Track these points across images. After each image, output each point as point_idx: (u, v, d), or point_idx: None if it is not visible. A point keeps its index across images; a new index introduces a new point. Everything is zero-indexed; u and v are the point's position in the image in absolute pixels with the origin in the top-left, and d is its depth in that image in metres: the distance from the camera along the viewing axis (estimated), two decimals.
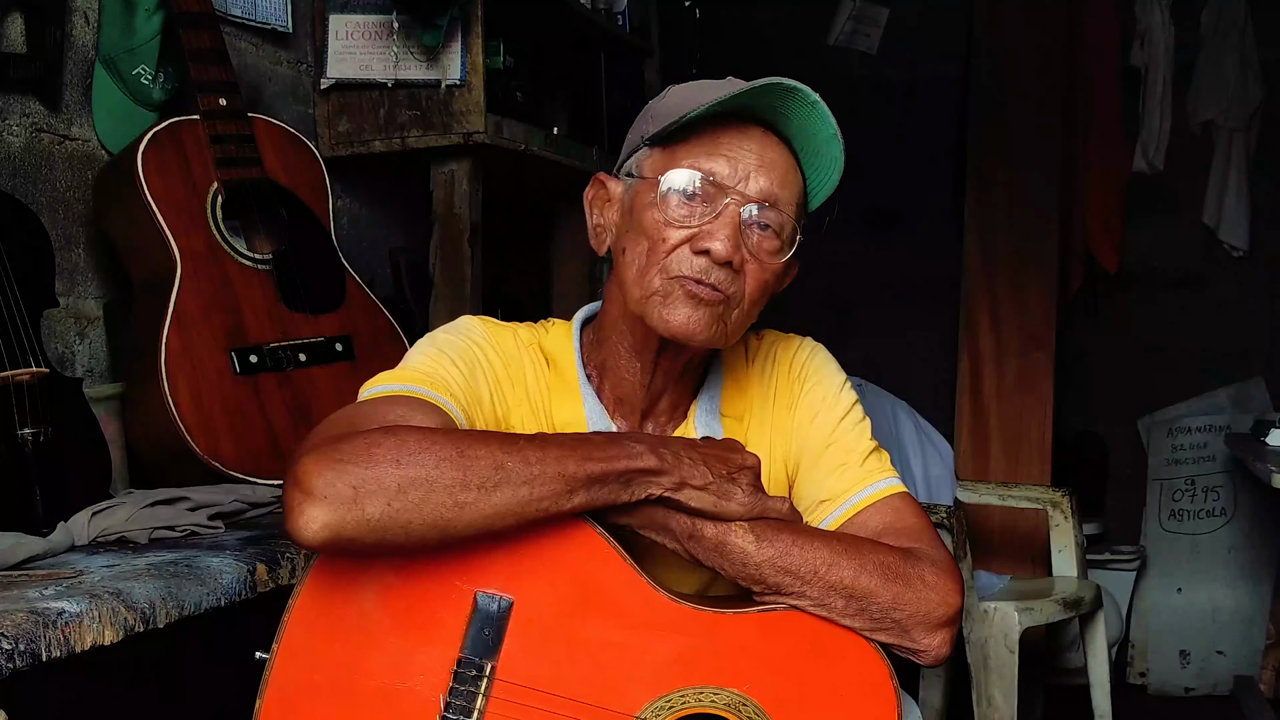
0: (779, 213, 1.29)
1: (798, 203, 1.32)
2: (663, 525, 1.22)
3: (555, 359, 1.39)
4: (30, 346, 1.65)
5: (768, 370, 1.43)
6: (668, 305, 1.28)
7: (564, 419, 1.36)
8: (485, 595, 1.18)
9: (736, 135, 1.29)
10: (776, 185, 1.29)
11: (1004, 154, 3.80)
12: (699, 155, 1.28)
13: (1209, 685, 4.00)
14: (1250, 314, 4.10)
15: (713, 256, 1.26)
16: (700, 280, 1.26)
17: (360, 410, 1.22)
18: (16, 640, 1.12)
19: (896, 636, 1.23)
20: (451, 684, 1.17)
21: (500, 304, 2.77)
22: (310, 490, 1.08)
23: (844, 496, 1.34)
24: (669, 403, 1.39)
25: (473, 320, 1.39)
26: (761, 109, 1.28)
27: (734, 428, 1.39)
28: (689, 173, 1.28)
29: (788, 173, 1.30)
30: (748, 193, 1.27)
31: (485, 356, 1.35)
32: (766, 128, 1.30)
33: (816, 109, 1.27)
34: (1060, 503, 3.32)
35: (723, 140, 1.29)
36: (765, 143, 1.29)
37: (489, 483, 1.12)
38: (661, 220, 1.28)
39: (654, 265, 1.29)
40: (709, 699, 1.19)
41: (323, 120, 2.61)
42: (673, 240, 1.28)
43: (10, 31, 1.92)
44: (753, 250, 1.29)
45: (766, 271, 1.30)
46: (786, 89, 1.25)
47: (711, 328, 1.28)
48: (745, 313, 1.32)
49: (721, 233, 1.26)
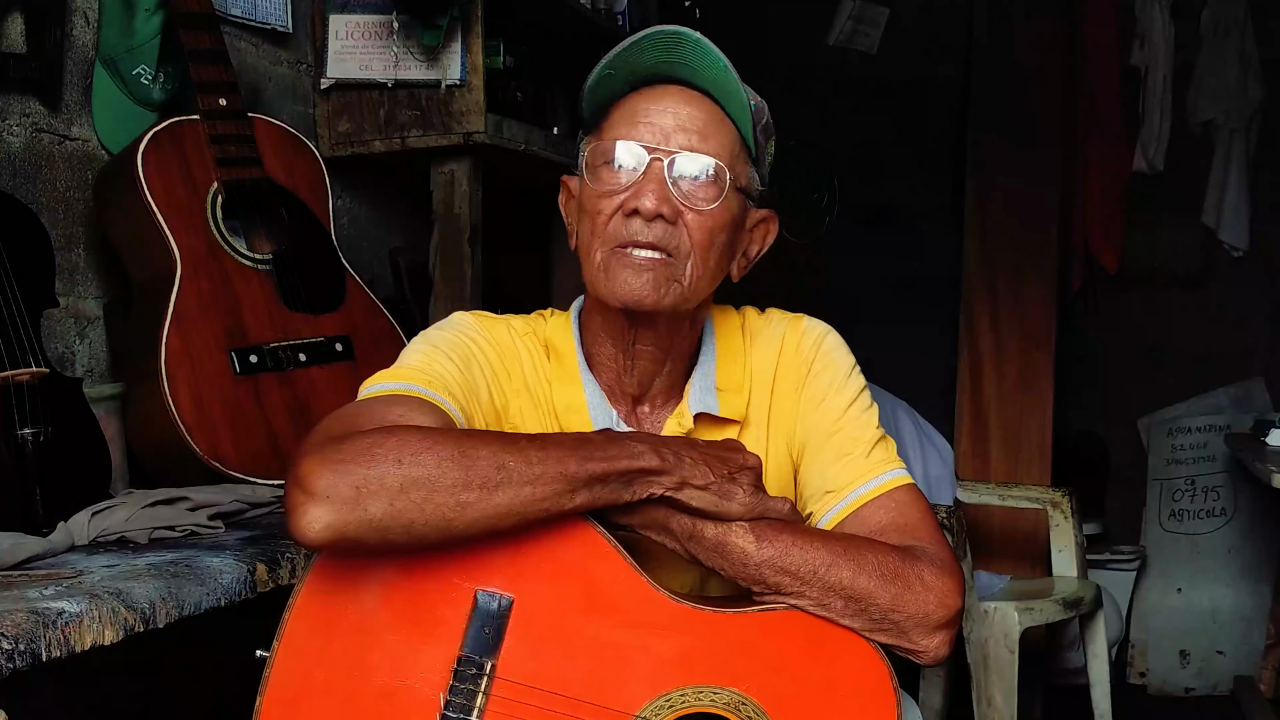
0: (706, 158, 1.29)
1: (731, 149, 1.32)
2: (663, 526, 1.22)
3: (556, 347, 1.40)
4: (30, 346, 1.65)
5: (771, 348, 1.42)
6: (610, 277, 1.30)
7: (566, 406, 1.36)
8: (486, 594, 1.18)
9: (654, 98, 1.31)
10: (699, 133, 1.30)
11: (1004, 154, 3.80)
12: (621, 126, 1.31)
13: (1209, 685, 4.00)
14: (1250, 314, 4.10)
15: (642, 213, 1.27)
16: (636, 243, 1.28)
17: (360, 410, 1.22)
18: (16, 640, 1.12)
19: (895, 637, 1.23)
20: (452, 682, 1.17)
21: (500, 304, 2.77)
22: (312, 491, 1.09)
23: (849, 489, 1.34)
24: (663, 386, 1.39)
25: (465, 315, 1.40)
26: (673, 68, 1.30)
27: (731, 400, 1.38)
28: (613, 143, 1.30)
29: (710, 121, 1.31)
30: (669, 145, 1.29)
31: (480, 350, 1.36)
32: (683, 84, 1.31)
33: (701, 47, 1.28)
34: (1060, 503, 3.32)
35: (640, 106, 1.31)
36: (682, 97, 1.31)
37: (491, 482, 1.12)
38: (596, 193, 1.31)
39: (596, 240, 1.31)
40: (709, 698, 1.20)
41: (323, 120, 2.61)
42: (607, 210, 1.30)
43: (10, 31, 1.92)
44: (687, 200, 1.29)
45: (709, 219, 1.30)
46: (667, 35, 1.27)
47: (660, 289, 1.29)
48: (701, 266, 1.31)
49: (647, 188, 1.28)
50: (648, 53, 1.29)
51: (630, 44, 1.28)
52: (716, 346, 1.42)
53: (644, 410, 1.40)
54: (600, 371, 1.39)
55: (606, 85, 1.33)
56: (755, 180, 1.37)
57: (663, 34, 1.27)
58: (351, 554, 1.16)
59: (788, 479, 1.40)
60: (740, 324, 1.45)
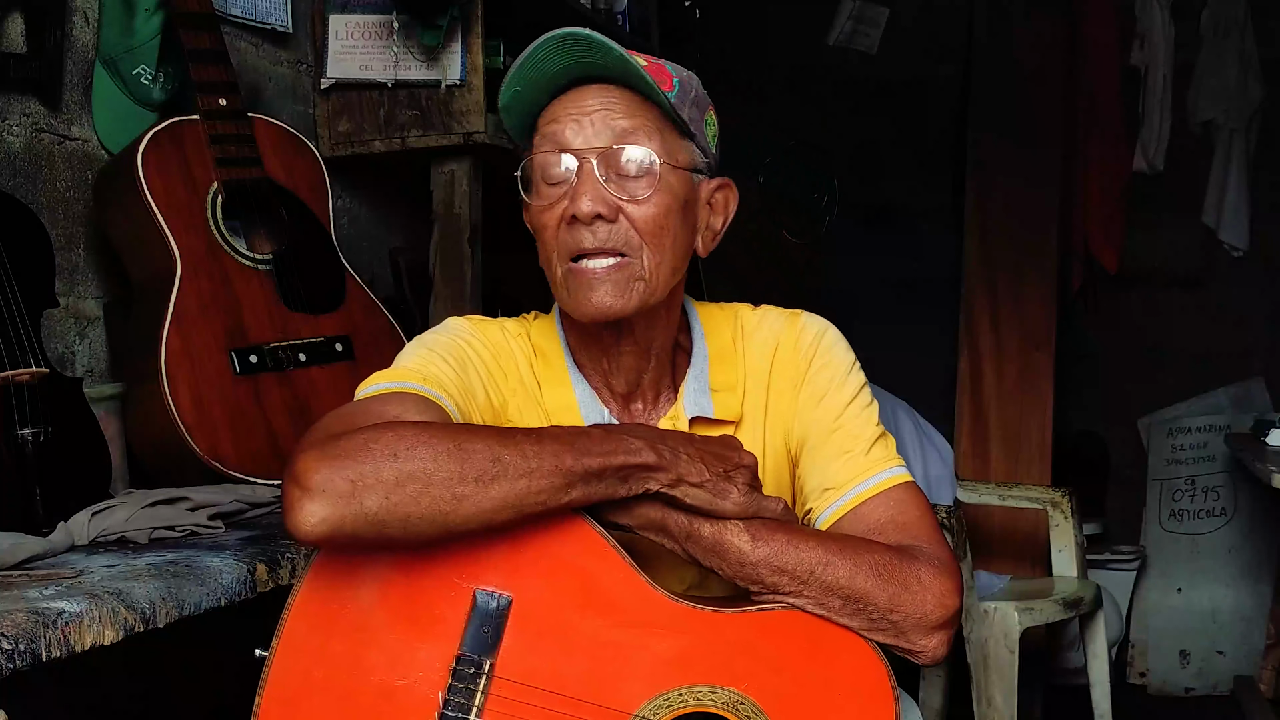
0: (634, 147, 1.29)
1: (658, 130, 1.30)
2: (661, 526, 1.22)
3: (542, 349, 1.40)
4: (30, 346, 1.65)
5: (767, 345, 1.41)
6: (572, 294, 1.30)
7: (556, 406, 1.37)
8: (484, 593, 1.18)
9: (572, 99, 1.31)
10: (623, 123, 1.29)
11: (1004, 154, 3.80)
12: (546, 137, 1.31)
13: (1209, 685, 4.00)
14: (1250, 314, 4.10)
15: (579, 217, 1.27)
16: (584, 251, 1.28)
17: (356, 409, 1.23)
18: (16, 640, 1.12)
19: (893, 637, 1.22)
20: (450, 681, 1.17)
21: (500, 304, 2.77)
22: (308, 486, 1.09)
23: (848, 486, 1.33)
24: (652, 380, 1.39)
25: (458, 319, 1.41)
26: (583, 68, 1.29)
27: (726, 401, 1.38)
28: (542, 156, 1.31)
29: (632, 107, 1.29)
30: (595, 143, 1.28)
31: (475, 352, 1.36)
32: (598, 80, 1.30)
33: (592, 41, 1.26)
34: (1060, 503, 3.32)
35: (559, 113, 1.31)
36: (599, 93, 1.30)
37: (486, 476, 1.12)
38: (538, 209, 1.32)
39: (551, 254, 1.31)
40: (707, 697, 1.20)
41: (323, 120, 2.61)
42: (551, 223, 1.30)
43: (10, 31, 1.92)
44: (624, 192, 1.28)
45: (650, 206, 1.29)
46: (560, 39, 1.26)
47: (624, 294, 1.29)
48: (659, 254, 1.30)
49: (580, 192, 1.27)
50: (551, 60, 1.28)
51: (529, 53, 1.27)
52: (709, 347, 1.42)
53: (637, 408, 1.40)
54: (588, 372, 1.39)
55: (522, 101, 1.32)
56: (697, 153, 1.35)
57: (557, 38, 1.26)
58: (348, 549, 1.16)
59: (785, 476, 1.40)
60: (734, 322, 1.44)
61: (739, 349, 1.42)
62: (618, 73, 1.29)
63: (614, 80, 1.30)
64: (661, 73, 1.31)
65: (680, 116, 1.32)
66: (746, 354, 1.41)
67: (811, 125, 4.35)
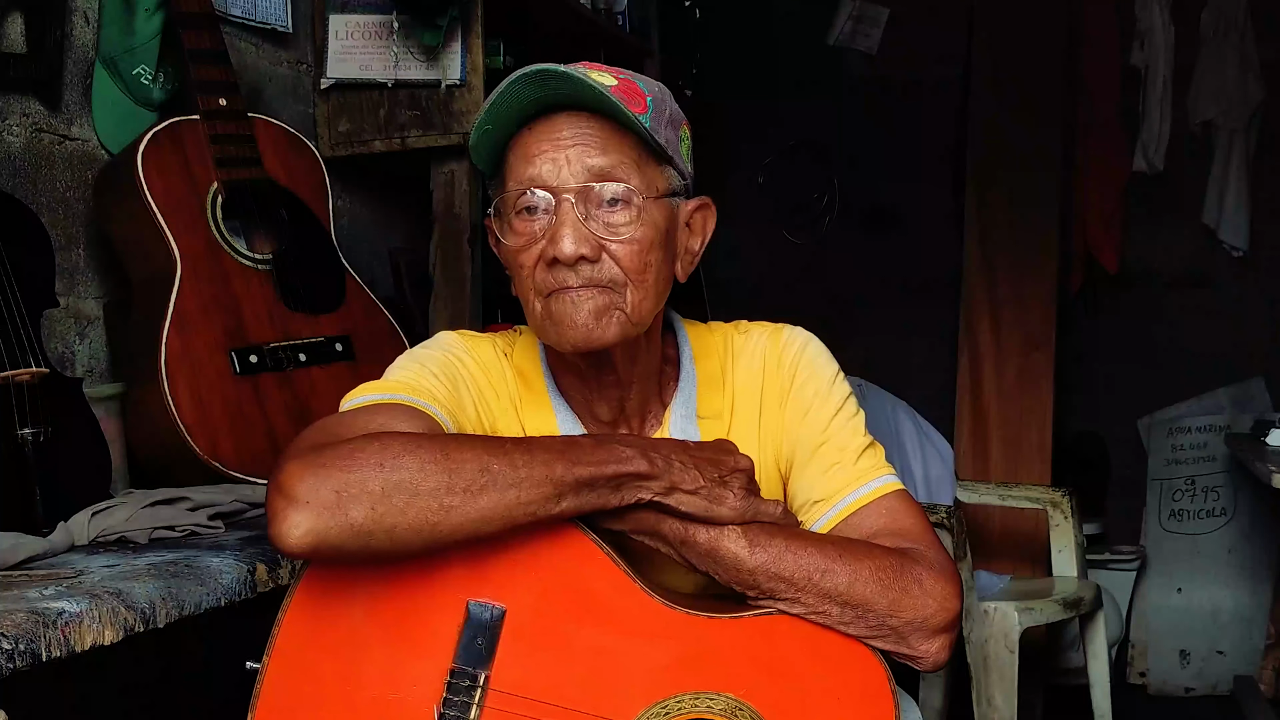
0: (613, 183, 1.25)
1: (635, 159, 1.26)
2: (654, 530, 1.21)
3: (523, 371, 1.38)
4: (30, 346, 1.65)
5: (755, 365, 1.39)
6: (555, 326, 1.26)
7: (537, 430, 1.34)
8: (477, 604, 1.17)
9: (545, 131, 1.25)
10: (599, 157, 1.24)
11: (1004, 154, 3.81)
12: (520, 170, 1.26)
13: (1209, 685, 4.00)
14: (1250, 314, 4.10)
15: (561, 259, 1.23)
16: (567, 287, 1.24)
17: (343, 419, 1.21)
18: (16, 640, 1.12)
19: (894, 643, 1.21)
20: (445, 694, 1.16)
21: (500, 304, 2.77)
22: (293, 495, 1.08)
23: (838, 497, 1.31)
24: (636, 407, 1.37)
25: (450, 335, 1.39)
26: (555, 97, 1.24)
27: (713, 428, 1.36)
28: (516, 191, 1.26)
29: (608, 139, 1.25)
30: (573, 182, 1.24)
31: (466, 369, 1.34)
32: (570, 109, 1.25)
33: (569, 77, 1.22)
34: (1060, 503, 3.32)
35: (533, 143, 1.26)
36: (573, 123, 1.25)
37: (474, 486, 1.11)
38: (514, 247, 1.28)
39: (529, 292, 1.28)
40: (705, 704, 1.19)
41: (323, 120, 2.61)
42: (529, 262, 1.26)
43: (10, 31, 1.92)
44: (606, 231, 1.25)
45: (633, 244, 1.26)
46: (534, 75, 1.21)
47: (607, 325, 1.25)
48: (642, 289, 1.27)
49: (561, 233, 1.23)
50: (523, 93, 1.23)
51: (500, 91, 1.23)
52: (697, 371, 1.39)
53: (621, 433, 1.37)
54: (570, 397, 1.37)
55: (490, 138, 1.28)
56: (675, 176, 1.32)
57: (529, 74, 1.21)
58: (334, 561, 1.15)
59: (777, 495, 1.37)
60: (723, 345, 1.41)
61: (728, 374, 1.39)
62: (591, 104, 1.25)
63: (586, 108, 1.26)
64: (634, 93, 1.26)
65: (658, 143, 1.27)
66: (736, 377, 1.39)
67: (812, 125, 4.35)
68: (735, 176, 4.32)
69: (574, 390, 1.36)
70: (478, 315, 2.62)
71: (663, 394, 1.39)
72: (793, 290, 4.30)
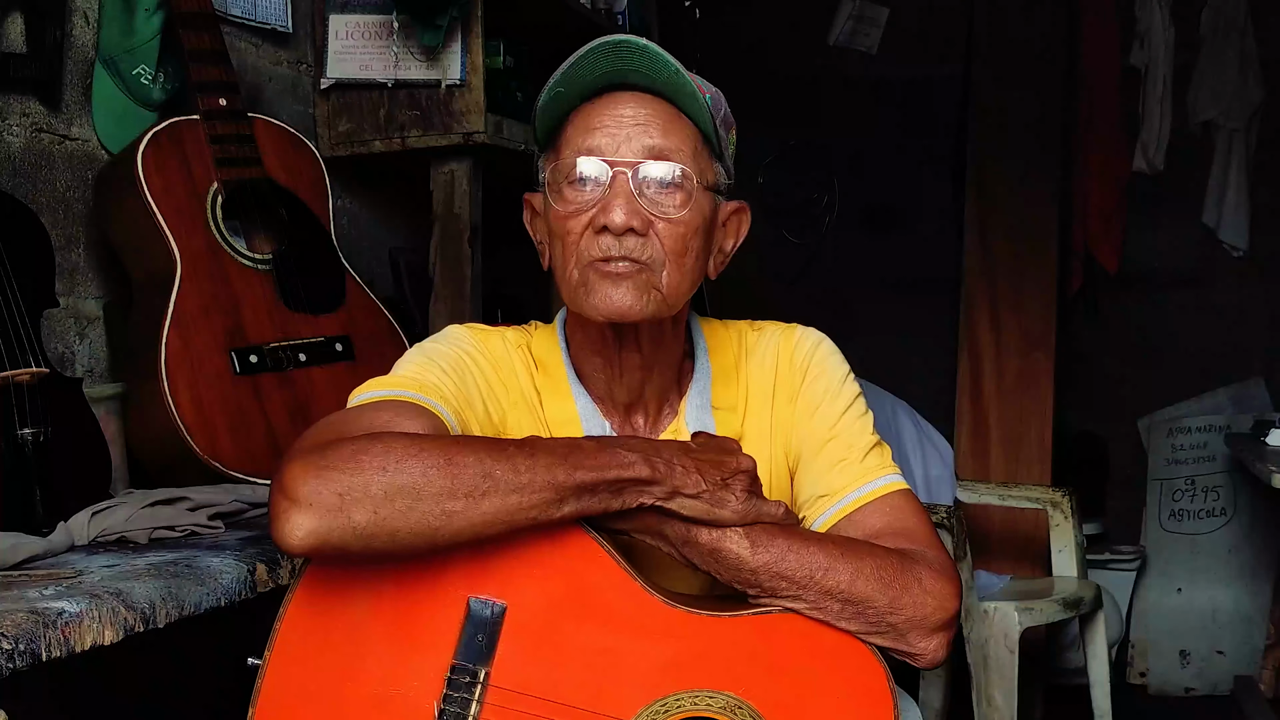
0: (670, 164, 1.27)
1: (693, 147, 1.29)
2: (657, 531, 1.22)
3: (543, 361, 1.39)
4: (30, 346, 1.65)
5: (767, 362, 1.41)
6: (590, 292, 1.28)
7: (557, 419, 1.36)
8: (478, 601, 1.18)
9: (607, 106, 1.28)
10: (659, 138, 1.27)
11: (1004, 154, 3.80)
12: (577, 140, 1.29)
13: (1209, 685, 4.00)
14: (1250, 314, 4.10)
15: (611, 229, 1.25)
16: (610, 258, 1.26)
17: (348, 416, 1.21)
18: (16, 640, 1.12)
19: (893, 640, 1.22)
20: (445, 690, 1.16)
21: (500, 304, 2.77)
22: (296, 497, 1.08)
23: (842, 493, 1.33)
24: (654, 394, 1.38)
25: (459, 329, 1.40)
26: (624, 75, 1.27)
27: (728, 419, 1.38)
28: (572, 159, 1.28)
29: (669, 122, 1.28)
30: (630, 157, 1.27)
31: (475, 363, 1.35)
32: (635, 89, 1.29)
33: (649, 51, 1.25)
34: (1060, 503, 3.32)
35: (594, 117, 1.28)
36: (636, 103, 1.28)
37: (477, 491, 1.11)
38: (563, 214, 1.29)
39: (570, 259, 1.29)
40: (705, 702, 1.19)
41: (323, 120, 2.61)
42: (576, 229, 1.28)
43: (10, 31, 1.92)
44: (656, 209, 1.27)
45: (680, 225, 1.28)
46: (613, 45, 1.24)
47: (642, 299, 1.27)
48: (679, 271, 1.29)
49: (614, 203, 1.25)
50: (596, 64, 1.26)
51: (578, 57, 1.26)
52: (712, 364, 1.41)
53: (638, 422, 1.39)
54: (590, 383, 1.38)
55: (558, 102, 1.30)
56: (722, 174, 1.35)
57: (609, 44, 1.24)
58: (335, 562, 1.15)
59: (785, 490, 1.39)
60: (737, 341, 1.43)
61: (742, 369, 1.41)
62: (661, 83, 1.27)
63: (653, 90, 1.28)
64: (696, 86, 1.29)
65: (718, 134, 1.31)
66: (749, 373, 1.41)
67: (811, 125, 4.35)
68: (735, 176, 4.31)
69: (596, 373, 1.37)
70: (478, 315, 2.62)
71: (680, 383, 1.40)
72: (793, 290, 4.31)
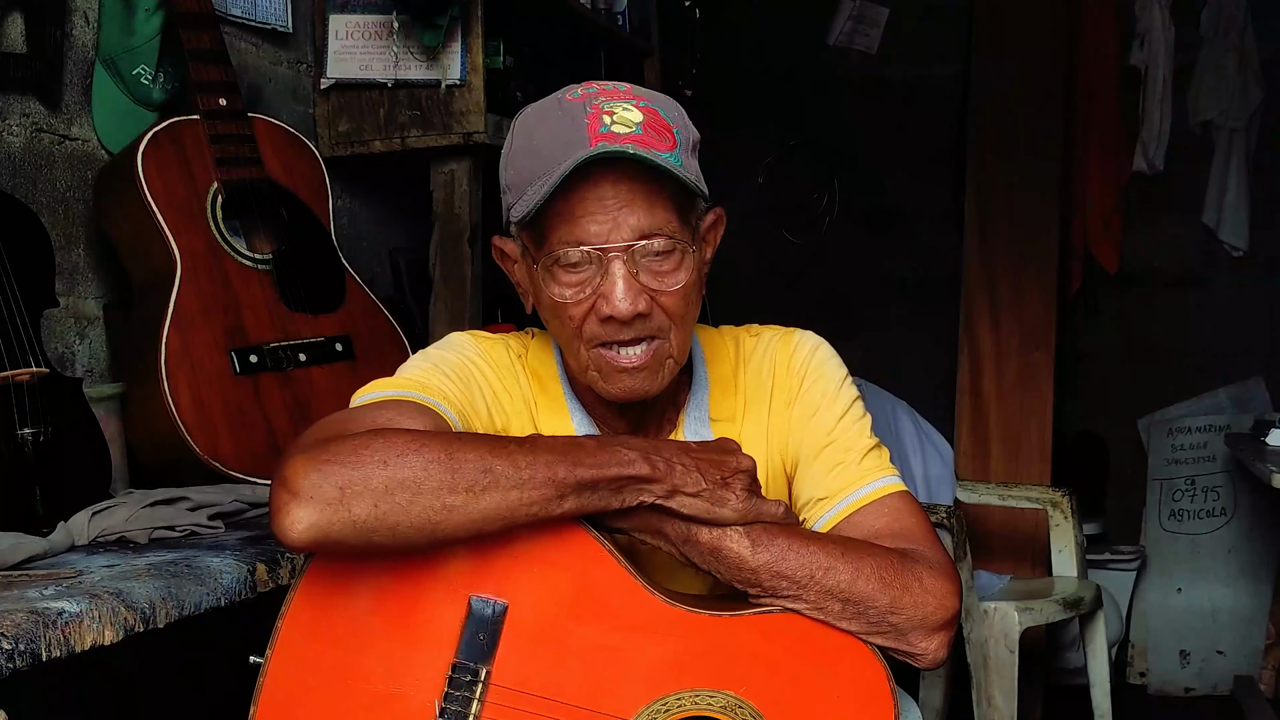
0: (660, 239, 1.25)
1: (676, 209, 1.26)
2: (657, 530, 1.22)
3: (538, 374, 1.39)
4: (30, 346, 1.65)
5: (764, 368, 1.41)
6: (606, 380, 1.29)
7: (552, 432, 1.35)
8: (480, 599, 1.18)
9: (588, 191, 1.23)
10: (644, 216, 1.24)
11: (1004, 154, 3.80)
12: (564, 229, 1.25)
13: (1209, 685, 4.00)
14: (1250, 314, 4.10)
15: (617, 318, 1.25)
16: (620, 341, 1.26)
17: (351, 414, 1.22)
18: (16, 640, 1.12)
19: (893, 640, 1.22)
20: (447, 689, 1.16)
21: (500, 304, 2.77)
22: (296, 490, 1.09)
23: (841, 495, 1.33)
24: (652, 410, 1.38)
25: (463, 336, 1.40)
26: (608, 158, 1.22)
27: (725, 430, 1.38)
28: (562, 250, 1.25)
29: (651, 194, 1.24)
30: (621, 241, 1.24)
31: (479, 371, 1.35)
32: (612, 167, 1.23)
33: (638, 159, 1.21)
34: (1060, 503, 3.32)
35: (576, 204, 1.24)
36: (616, 184, 1.23)
37: (477, 486, 1.12)
38: (560, 301, 1.28)
39: (575, 340, 1.29)
40: (705, 702, 1.19)
41: (323, 120, 2.61)
42: (578, 315, 1.27)
43: (10, 31, 1.92)
44: (654, 282, 1.26)
45: (680, 291, 1.27)
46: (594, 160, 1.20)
47: (657, 376, 1.29)
48: (685, 329, 1.30)
49: (615, 292, 1.24)
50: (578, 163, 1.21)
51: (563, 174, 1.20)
52: (709, 376, 1.41)
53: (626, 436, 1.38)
54: (587, 401, 1.38)
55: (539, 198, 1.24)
56: (701, 205, 1.32)
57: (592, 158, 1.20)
58: (335, 556, 1.16)
59: (781, 494, 1.39)
60: (734, 349, 1.43)
61: (739, 377, 1.41)
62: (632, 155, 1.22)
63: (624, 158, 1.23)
64: (661, 127, 1.25)
65: (694, 185, 1.26)
66: (746, 380, 1.41)
67: (811, 125, 4.35)
68: (735, 176, 4.32)
69: (592, 402, 1.38)
70: (478, 315, 2.62)
71: (677, 397, 1.40)
72: (793, 290, 4.31)
